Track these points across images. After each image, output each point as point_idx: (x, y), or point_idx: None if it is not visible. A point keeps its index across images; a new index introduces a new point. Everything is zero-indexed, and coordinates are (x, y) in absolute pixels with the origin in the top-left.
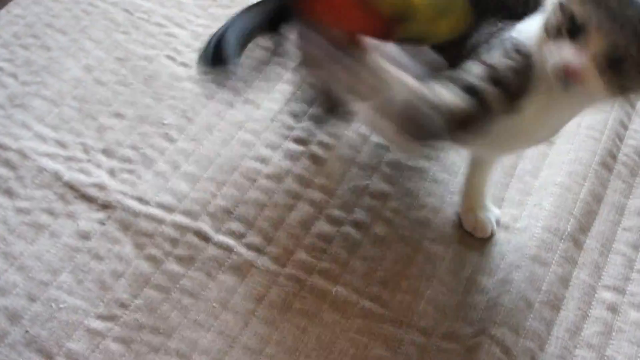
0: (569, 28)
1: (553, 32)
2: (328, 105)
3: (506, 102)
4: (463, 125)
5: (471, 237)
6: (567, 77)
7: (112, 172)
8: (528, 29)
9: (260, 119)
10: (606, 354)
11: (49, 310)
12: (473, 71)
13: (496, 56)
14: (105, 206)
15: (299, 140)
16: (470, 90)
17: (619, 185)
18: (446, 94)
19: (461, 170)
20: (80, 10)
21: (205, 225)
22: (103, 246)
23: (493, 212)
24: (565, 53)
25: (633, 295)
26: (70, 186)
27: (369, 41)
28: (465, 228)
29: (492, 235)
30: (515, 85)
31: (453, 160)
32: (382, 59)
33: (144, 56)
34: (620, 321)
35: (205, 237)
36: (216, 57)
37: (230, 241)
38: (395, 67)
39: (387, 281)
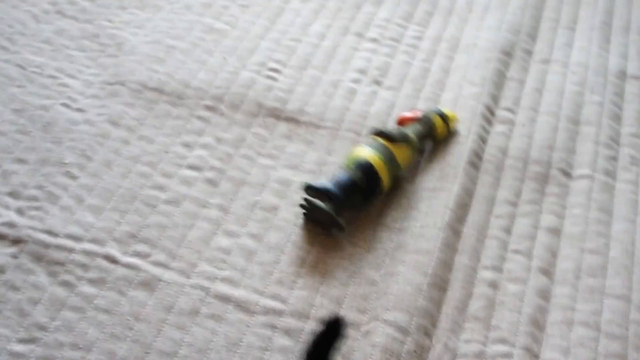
0: None
1: None
2: None
3: None
4: None
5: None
6: None
7: (20, 211)
8: None
9: (155, 152)
10: (492, 324)
11: None
12: None
13: None
14: (17, 241)
15: (193, 167)
16: None
17: (487, 179)
18: None
19: None
20: None
21: (112, 250)
22: (18, 277)
23: None
24: None
25: (510, 272)
26: None
27: None
28: None
29: None
30: None
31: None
32: None
33: (40, 106)
34: (501, 294)
35: (113, 260)
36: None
37: (137, 261)
38: None
39: (283, 281)
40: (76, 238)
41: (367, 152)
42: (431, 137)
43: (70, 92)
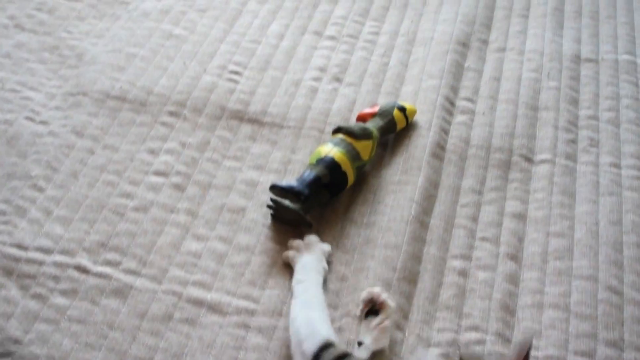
0: None
1: None
2: None
3: None
4: None
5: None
6: None
7: None
8: None
9: (121, 160)
10: (463, 312)
11: None
12: None
13: None
14: None
15: (159, 173)
16: None
17: (451, 169)
18: None
19: None
20: None
21: (83, 260)
22: None
23: None
24: None
25: (478, 259)
26: None
27: None
28: None
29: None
30: None
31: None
32: None
33: (3, 120)
34: (471, 282)
35: (84, 270)
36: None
37: (108, 270)
38: None
39: (255, 281)
40: (46, 250)
41: (329, 148)
42: (392, 129)
43: (33, 105)
